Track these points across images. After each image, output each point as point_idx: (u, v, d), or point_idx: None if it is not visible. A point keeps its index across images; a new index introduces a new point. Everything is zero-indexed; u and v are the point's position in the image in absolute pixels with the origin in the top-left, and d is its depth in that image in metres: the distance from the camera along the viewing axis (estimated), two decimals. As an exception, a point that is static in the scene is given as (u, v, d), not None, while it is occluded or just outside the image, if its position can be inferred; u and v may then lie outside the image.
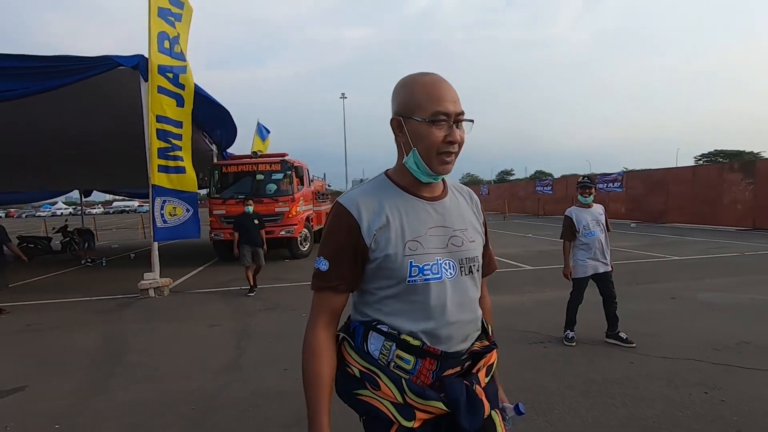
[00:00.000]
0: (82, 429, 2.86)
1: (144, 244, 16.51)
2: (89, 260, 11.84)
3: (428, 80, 1.03)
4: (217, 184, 10.52)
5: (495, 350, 1.18)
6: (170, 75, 7.08)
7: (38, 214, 57.71)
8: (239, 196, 10.18)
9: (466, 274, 1.10)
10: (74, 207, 61.05)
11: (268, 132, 16.49)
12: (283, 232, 10.13)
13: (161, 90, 7.03)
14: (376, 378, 1.03)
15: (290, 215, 10.22)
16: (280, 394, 3.20)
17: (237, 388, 3.40)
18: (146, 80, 6.93)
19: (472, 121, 1.05)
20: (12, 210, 55.38)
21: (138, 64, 6.81)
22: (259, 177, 10.53)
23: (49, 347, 4.70)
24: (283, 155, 11.12)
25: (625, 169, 25.01)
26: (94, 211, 55.82)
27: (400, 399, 1.01)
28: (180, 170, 7.26)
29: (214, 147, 11.13)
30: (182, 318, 5.70)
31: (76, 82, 6.62)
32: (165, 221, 7.07)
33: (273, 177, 10.54)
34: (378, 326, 1.05)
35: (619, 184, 20.66)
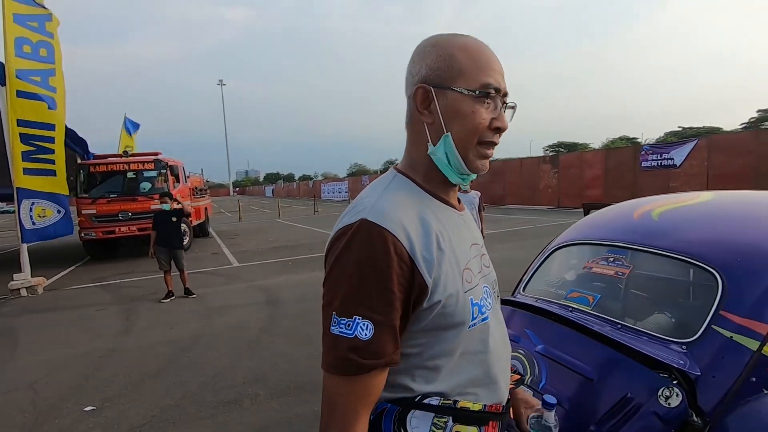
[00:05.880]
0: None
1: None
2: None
3: (471, 42, 0.75)
4: (84, 183, 10.48)
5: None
6: (37, 78, 7.29)
7: None
8: (111, 195, 10.40)
9: (497, 301, 0.87)
10: None
11: (137, 126, 16.07)
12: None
13: (22, 94, 7.20)
14: None
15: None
16: (170, 342, 4.44)
17: (132, 342, 4.50)
18: (3, 85, 7.07)
19: (514, 107, 0.78)
20: None
21: (-7, 70, 6.93)
22: (131, 175, 10.79)
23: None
24: (156, 154, 11.46)
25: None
26: None
27: None
28: (50, 173, 7.53)
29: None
30: (65, 307, 6.27)
31: None
32: (34, 223, 7.31)
33: (146, 175, 10.89)
34: (425, 401, 0.74)
35: (470, 174, 24.53)
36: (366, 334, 0.65)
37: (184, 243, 11.61)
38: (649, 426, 1.30)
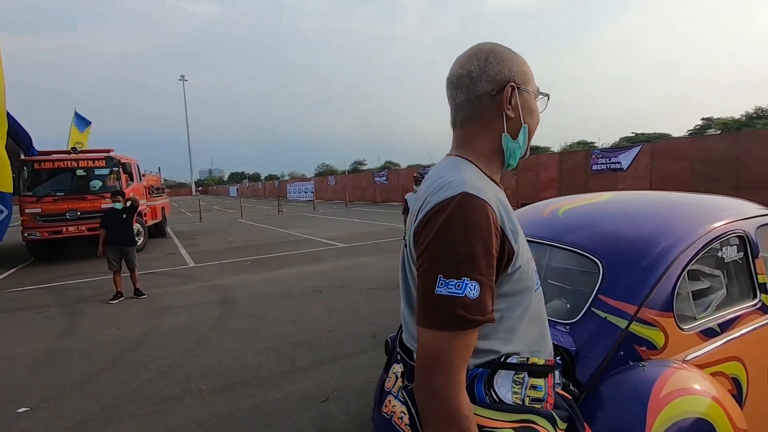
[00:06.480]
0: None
1: None
2: None
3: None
4: (27, 181, 9.96)
5: None
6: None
7: None
8: (58, 194, 9.93)
9: None
10: None
11: (88, 123, 15.37)
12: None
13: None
14: (534, 426, 0.83)
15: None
16: (115, 343, 4.36)
17: (74, 343, 4.38)
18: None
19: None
20: None
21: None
22: (80, 173, 10.34)
23: None
24: (108, 151, 11.04)
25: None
26: None
27: None
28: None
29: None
30: (2, 310, 5.95)
31: None
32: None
33: (97, 173, 10.47)
34: (507, 360, 0.86)
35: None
36: (474, 293, 0.75)
37: (138, 242, 11.20)
38: (532, 396, 1.48)
